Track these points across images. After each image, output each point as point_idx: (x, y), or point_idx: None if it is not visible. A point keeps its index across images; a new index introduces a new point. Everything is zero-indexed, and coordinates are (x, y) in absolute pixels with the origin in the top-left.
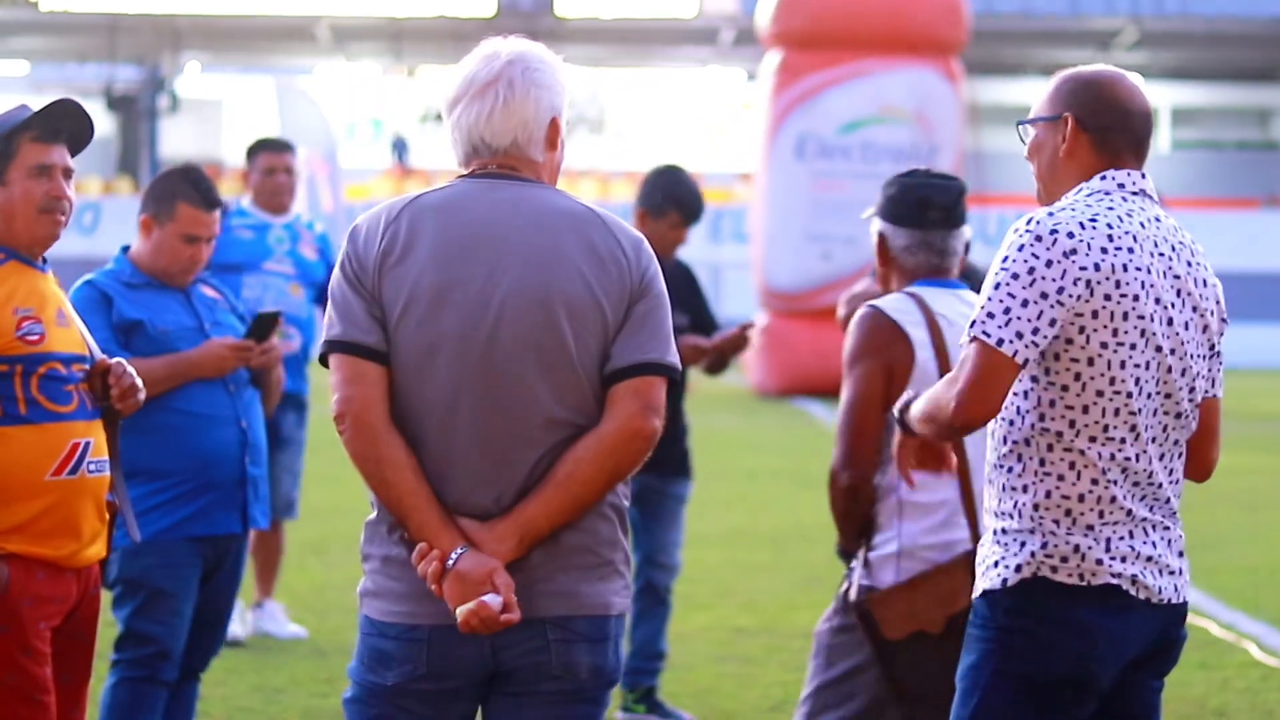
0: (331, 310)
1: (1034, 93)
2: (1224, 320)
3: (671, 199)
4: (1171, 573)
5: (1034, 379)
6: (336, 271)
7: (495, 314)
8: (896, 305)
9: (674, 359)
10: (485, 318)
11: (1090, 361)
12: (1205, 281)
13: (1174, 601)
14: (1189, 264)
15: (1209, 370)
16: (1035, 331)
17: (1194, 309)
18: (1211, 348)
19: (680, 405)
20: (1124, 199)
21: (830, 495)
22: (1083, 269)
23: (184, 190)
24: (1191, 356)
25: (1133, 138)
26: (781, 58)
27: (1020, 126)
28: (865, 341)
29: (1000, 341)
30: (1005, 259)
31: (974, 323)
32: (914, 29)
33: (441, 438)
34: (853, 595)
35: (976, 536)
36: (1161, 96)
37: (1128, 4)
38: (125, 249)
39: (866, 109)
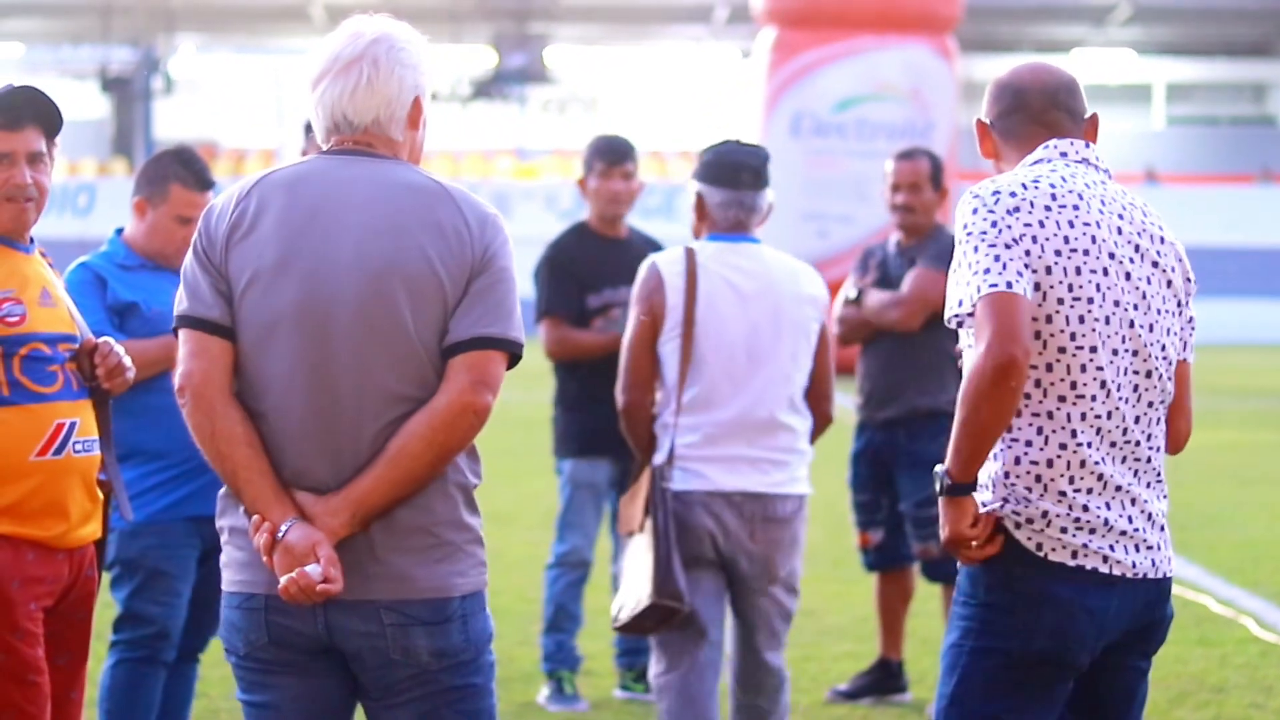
0: (181, 287)
1: None
2: (1189, 280)
3: (592, 150)
4: (1150, 547)
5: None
6: (189, 251)
7: (333, 288)
8: (669, 257)
9: (515, 334)
10: (323, 292)
11: (1049, 319)
12: (1162, 239)
13: (1152, 577)
14: (1142, 222)
15: (1179, 330)
16: (1019, 274)
17: (1154, 264)
18: (1179, 305)
19: None
20: (1066, 165)
21: (620, 412)
22: (1027, 225)
23: (177, 172)
24: (1158, 312)
25: (1030, 112)
26: (776, 35)
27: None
28: (639, 290)
29: (1009, 284)
30: (966, 226)
31: (977, 289)
32: (908, 6)
33: (281, 411)
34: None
35: (670, 454)
36: (1156, 72)
37: None
38: (119, 231)
39: (861, 86)
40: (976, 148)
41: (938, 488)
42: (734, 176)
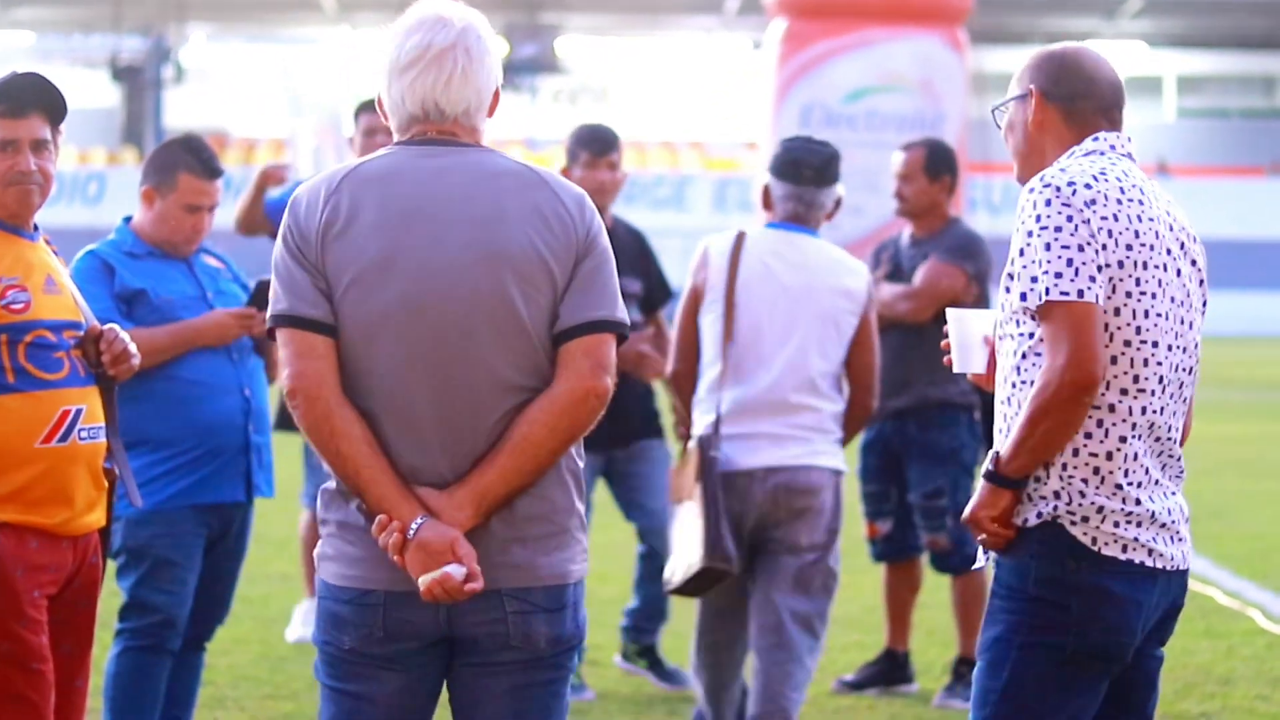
0: (276, 284)
1: None
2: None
3: (576, 139)
4: (1181, 539)
5: None
6: (279, 244)
7: (443, 281)
8: (720, 237)
9: (623, 315)
10: (433, 285)
11: (1117, 311)
12: (1195, 238)
13: (1183, 568)
14: (1181, 219)
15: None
16: (1093, 279)
17: (1193, 263)
18: (1204, 303)
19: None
20: (1115, 160)
21: (668, 380)
22: (1104, 219)
23: (185, 160)
24: (1194, 310)
25: (1100, 103)
26: (787, 26)
27: (994, 111)
28: (691, 265)
29: (1080, 293)
30: (1037, 219)
31: (1045, 290)
32: None
33: (395, 408)
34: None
35: (717, 429)
36: (1167, 64)
37: None
38: (127, 219)
39: (872, 78)
40: (988, 139)
41: (986, 467)
42: (796, 172)
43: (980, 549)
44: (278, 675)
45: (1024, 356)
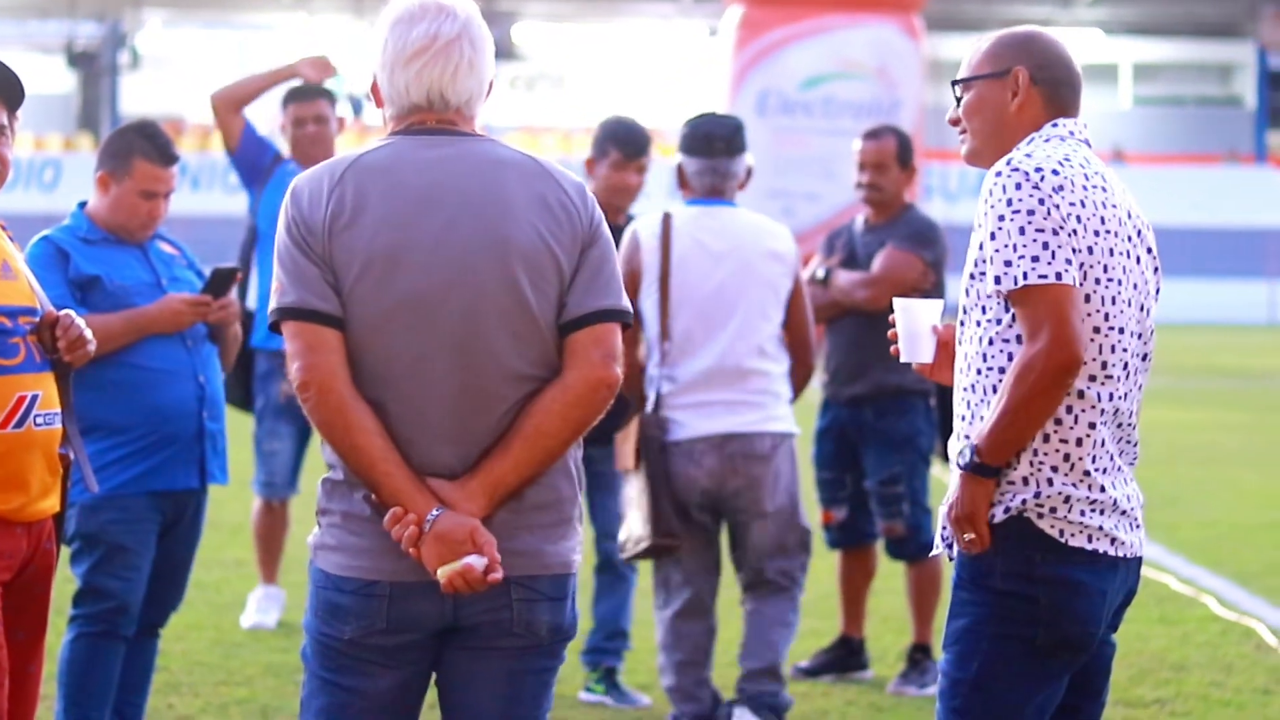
0: (281, 275)
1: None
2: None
3: (609, 134)
4: (1138, 526)
5: None
6: (282, 235)
7: (451, 272)
8: (647, 222)
9: (627, 304)
10: (441, 277)
11: (1086, 298)
12: (1148, 225)
13: (1139, 555)
14: (1135, 207)
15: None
16: (1068, 262)
17: (1148, 250)
18: (1157, 291)
19: None
20: (1076, 147)
21: None
22: (1072, 205)
23: (141, 146)
24: (1150, 297)
25: (1075, 91)
26: (743, 13)
27: (957, 85)
28: (622, 251)
29: (1059, 275)
30: (1008, 203)
31: (1023, 274)
32: None
33: (405, 400)
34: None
35: (657, 401)
36: (1122, 52)
37: None
38: (82, 205)
39: (828, 65)
40: (944, 126)
41: (961, 461)
42: (707, 145)
43: (939, 537)
44: (232, 661)
45: (990, 343)
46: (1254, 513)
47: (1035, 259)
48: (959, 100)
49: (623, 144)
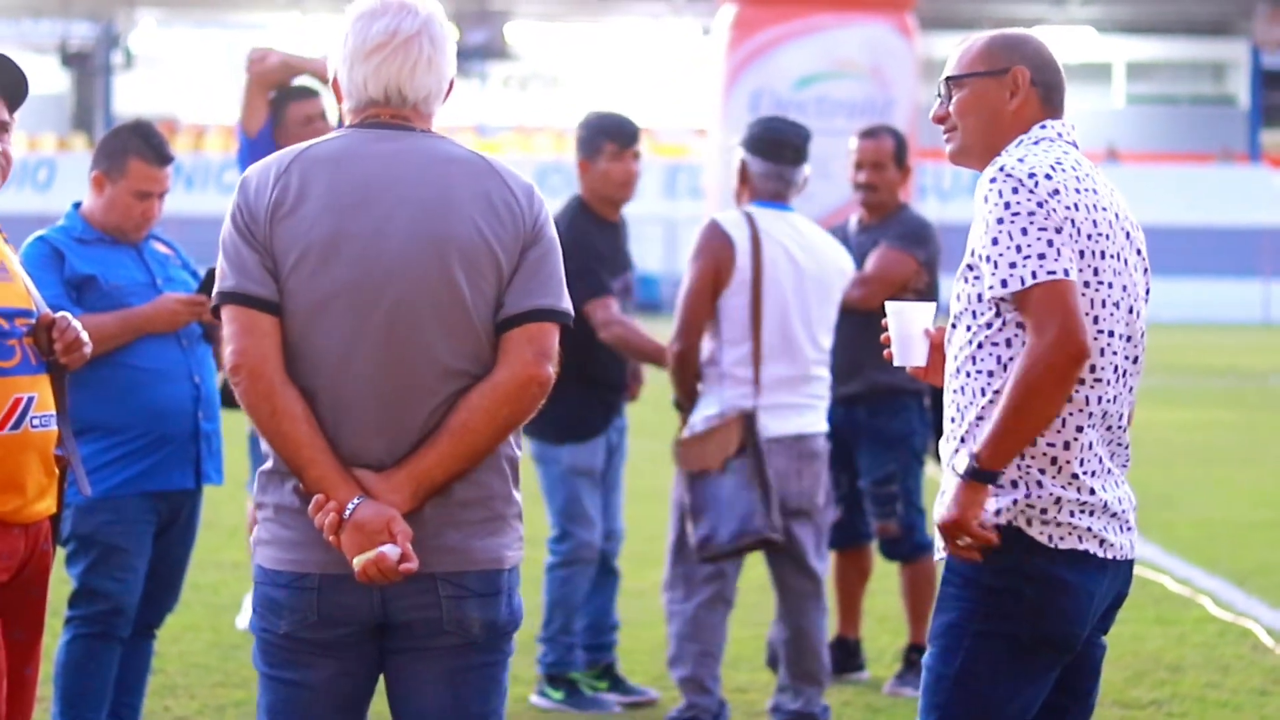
0: (223, 261)
1: None
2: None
3: (598, 130)
4: (1130, 528)
5: (1019, 324)
6: (227, 222)
7: (388, 264)
8: (731, 219)
9: (567, 305)
10: (378, 269)
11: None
12: (1136, 226)
13: (1130, 558)
14: (1125, 207)
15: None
16: (1071, 260)
17: (1137, 251)
18: (1147, 291)
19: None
20: (1065, 149)
21: (667, 360)
22: (1067, 209)
23: (136, 146)
24: (1140, 299)
25: (1063, 95)
26: (736, 12)
27: (948, 82)
28: (702, 244)
29: (1066, 272)
30: (1006, 206)
31: (1030, 274)
32: None
33: (336, 389)
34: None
35: (755, 402)
36: (1116, 51)
37: None
38: (77, 205)
39: (821, 64)
40: (935, 126)
41: (959, 469)
42: (779, 151)
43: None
44: (228, 663)
45: (979, 346)
46: (1249, 511)
47: (1041, 256)
48: (947, 98)
49: (615, 134)
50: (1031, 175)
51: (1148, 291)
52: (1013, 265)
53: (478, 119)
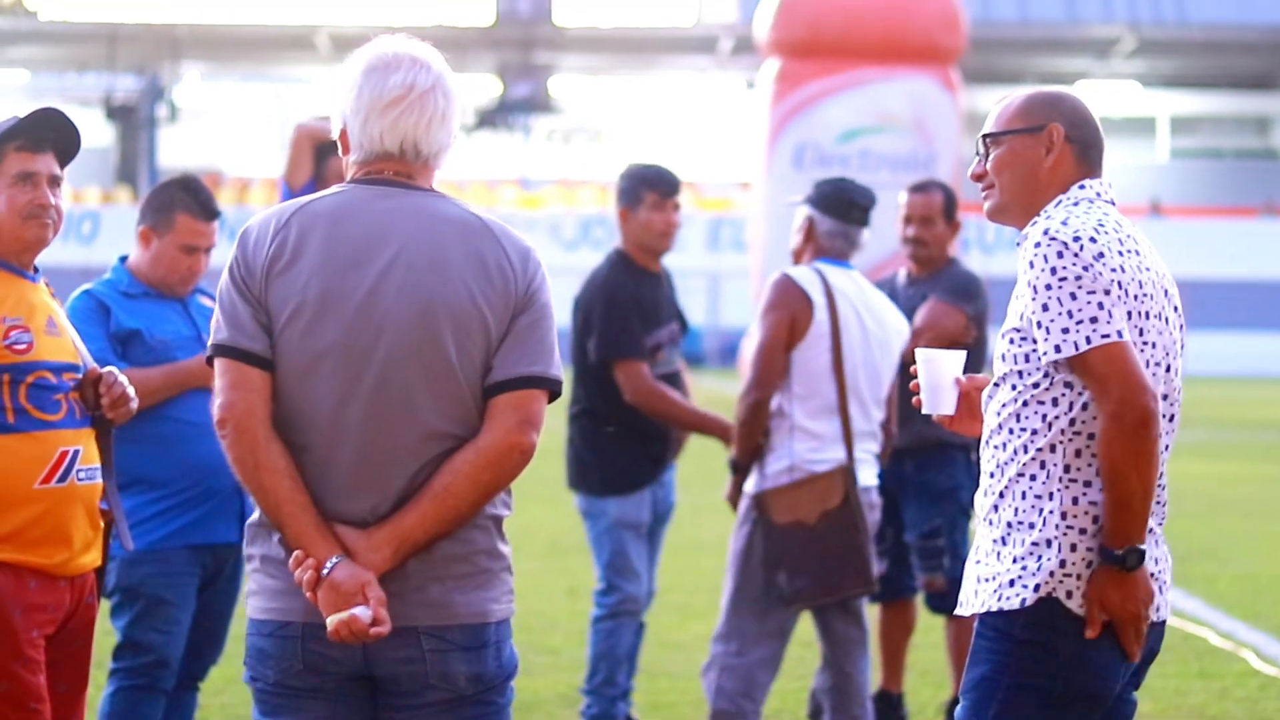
0: (218, 314)
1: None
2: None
3: (640, 180)
4: (1165, 589)
5: (1067, 384)
6: (225, 275)
7: (378, 324)
8: (803, 275)
9: (556, 372)
10: (368, 329)
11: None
12: (1173, 281)
13: (1164, 618)
14: (1161, 265)
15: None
16: (1122, 320)
17: (1175, 309)
18: (1182, 348)
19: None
20: (1105, 210)
21: (738, 411)
22: (1113, 271)
23: (183, 200)
24: (1176, 357)
25: (1100, 153)
26: (780, 66)
27: (986, 139)
28: (778, 298)
29: (1119, 333)
30: (1053, 270)
31: (1085, 339)
32: (912, 37)
33: (323, 446)
34: (748, 491)
35: (850, 455)
36: (1160, 105)
37: (1125, 11)
38: (123, 259)
39: (865, 118)
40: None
41: (1103, 559)
42: (848, 211)
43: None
44: None
45: (1025, 404)
46: None
47: (1094, 320)
48: (985, 155)
49: (657, 184)
50: (1077, 238)
51: (1182, 348)
52: (1065, 331)
53: (521, 172)
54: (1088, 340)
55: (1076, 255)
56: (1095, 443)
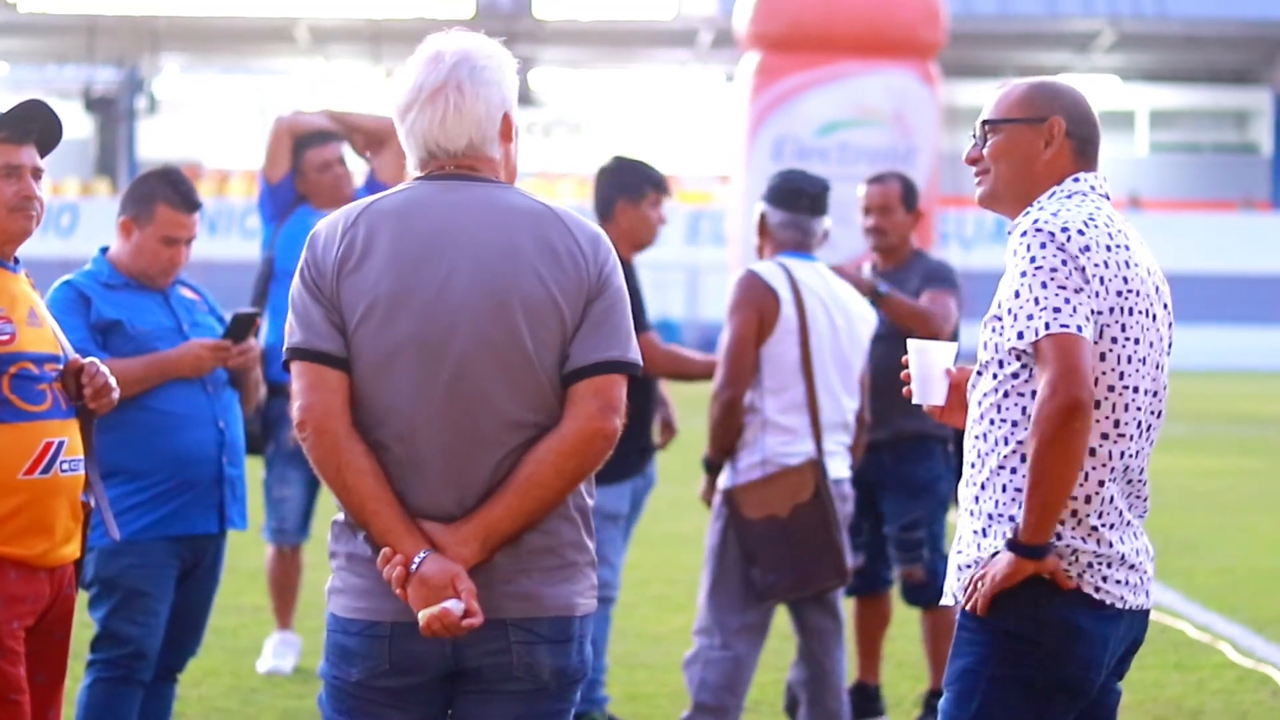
0: (292, 317)
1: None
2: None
3: (644, 177)
4: (1147, 579)
5: None
6: (296, 278)
7: (452, 318)
8: (767, 269)
9: (635, 355)
10: (442, 322)
11: (1102, 357)
12: (1163, 279)
13: (1146, 608)
14: (1153, 262)
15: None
16: (1087, 319)
17: (1165, 306)
18: (1170, 346)
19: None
20: (1098, 204)
21: (712, 411)
22: (1096, 266)
23: (164, 192)
24: (1164, 354)
25: (1097, 148)
26: (759, 60)
27: (985, 126)
28: (744, 295)
29: (1079, 328)
30: (1031, 260)
31: (1044, 325)
32: (892, 31)
33: (403, 442)
34: (721, 486)
35: (820, 448)
36: (1139, 99)
37: (1105, 6)
38: (104, 250)
39: (844, 111)
40: (960, 172)
41: (1005, 544)
42: (795, 200)
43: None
44: (249, 707)
45: (1005, 395)
46: (1271, 559)
47: (1056, 310)
48: (982, 141)
49: (660, 184)
50: (1064, 230)
51: (1170, 345)
52: (1030, 318)
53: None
54: (1046, 327)
55: (1061, 248)
56: None
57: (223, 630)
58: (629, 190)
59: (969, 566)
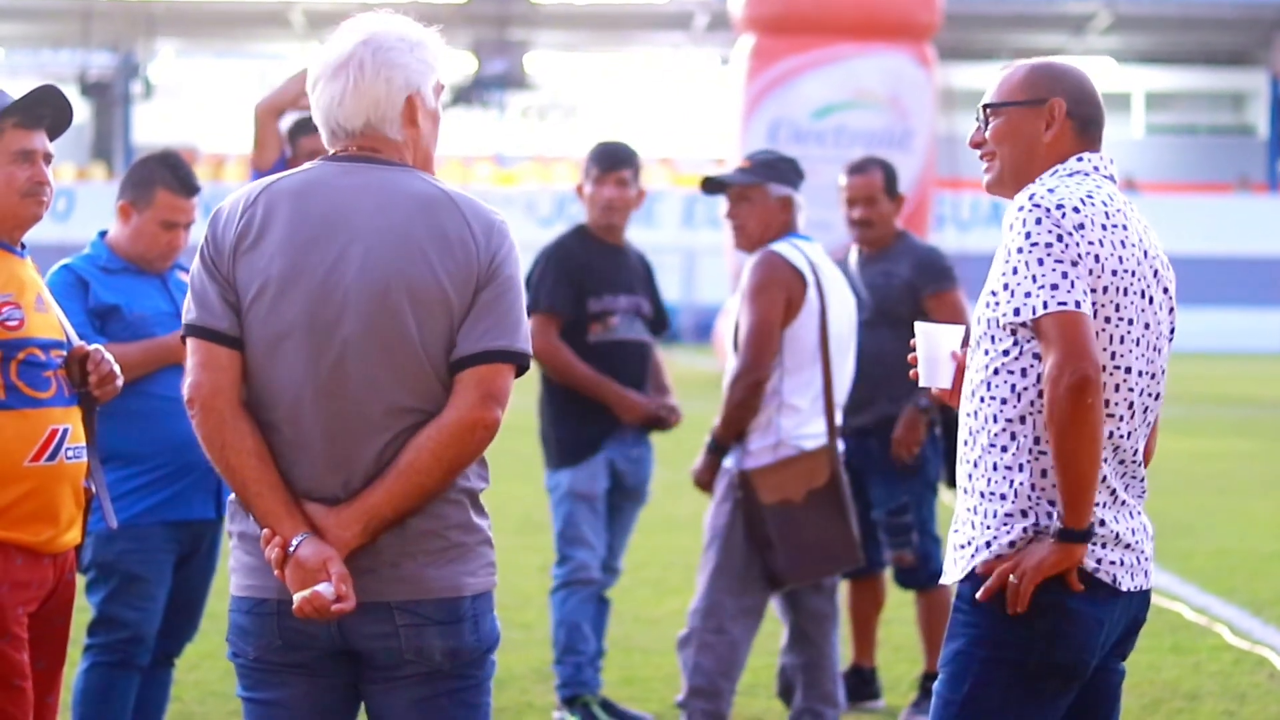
0: (189, 294)
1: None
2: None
3: (589, 158)
4: (1145, 559)
5: (1036, 355)
6: (196, 256)
7: (340, 302)
8: (789, 251)
9: (523, 345)
10: (330, 306)
11: (1094, 336)
12: (1167, 264)
13: (1145, 588)
14: (1156, 245)
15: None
16: (1085, 294)
17: (1164, 290)
18: (1172, 330)
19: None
20: (1099, 183)
21: (734, 393)
22: (1090, 244)
23: (163, 176)
24: (1163, 337)
25: (1100, 128)
26: (755, 42)
27: (986, 109)
28: (772, 275)
29: (1077, 304)
30: (1027, 235)
31: (1042, 304)
32: (887, 14)
33: (291, 424)
34: (727, 467)
35: (833, 431)
36: (1135, 81)
37: None
38: (103, 234)
39: (840, 94)
40: (956, 155)
41: (1056, 527)
42: (799, 179)
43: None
44: None
45: (995, 372)
46: (1267, 541)
47: (1055, 287)
48: (985, 124)
49: (599, 159)
50: (1060, 206)
51: (1172, 330)
52: (1027, 295)
53: (496, 149)
54: (1045, 305)
55: (1057, 224)
56: None
57: (219, 615)
58: (586, 169)
59: (965, 546)
